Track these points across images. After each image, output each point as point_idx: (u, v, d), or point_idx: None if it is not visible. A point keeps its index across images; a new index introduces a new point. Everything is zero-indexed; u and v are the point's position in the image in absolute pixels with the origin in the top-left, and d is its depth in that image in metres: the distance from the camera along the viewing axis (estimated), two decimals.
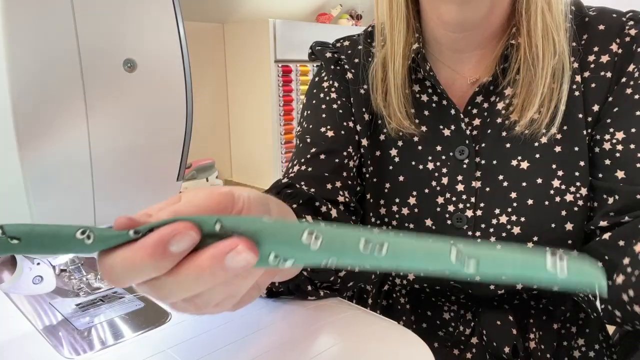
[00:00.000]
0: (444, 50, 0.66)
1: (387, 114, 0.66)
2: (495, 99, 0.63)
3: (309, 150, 0.68)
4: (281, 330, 0.49)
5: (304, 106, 0.76)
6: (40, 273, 0.48)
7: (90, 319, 0.52)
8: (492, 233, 0.62)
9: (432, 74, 0.64)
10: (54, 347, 0.47)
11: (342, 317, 0.52)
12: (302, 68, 1.90)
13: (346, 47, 0.74)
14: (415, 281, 0.66)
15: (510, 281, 0.26)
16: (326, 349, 0.46)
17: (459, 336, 0.66)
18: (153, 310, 0.53)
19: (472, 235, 0.63)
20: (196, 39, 1.88)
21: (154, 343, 0.47)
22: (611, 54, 0.60)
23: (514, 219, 0.61)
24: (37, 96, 0.36)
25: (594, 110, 0.61)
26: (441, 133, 0.66)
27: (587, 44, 0.62)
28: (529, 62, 0.60)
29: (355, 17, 2.47)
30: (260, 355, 0.44)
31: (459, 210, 0.64)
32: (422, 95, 0.67)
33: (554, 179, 0.61)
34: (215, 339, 0.47)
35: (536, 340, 0.64)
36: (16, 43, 0.34)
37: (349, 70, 0.72)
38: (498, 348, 0.63)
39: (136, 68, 0.39)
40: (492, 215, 0.63)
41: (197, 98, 0.44)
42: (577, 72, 0.61)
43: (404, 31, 0.64)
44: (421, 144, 0.67)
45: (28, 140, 0.36)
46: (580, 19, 0.63)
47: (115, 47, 0.38)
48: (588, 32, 0.62)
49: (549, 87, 0.59)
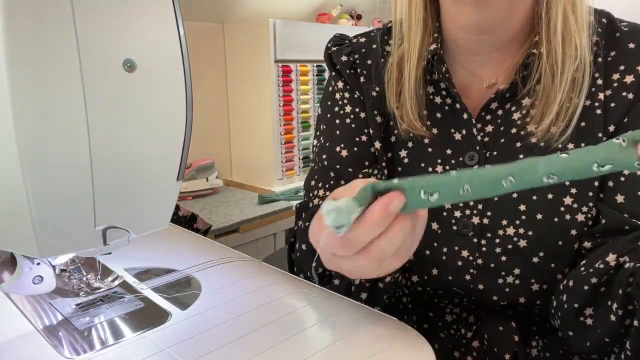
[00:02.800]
0: (462, 52, 0.64)
1: (399, 115, 0.65)
2: (511, 107, 0.61)
3: (329, 174, 0.72)
4: (283, 328, 0.49)
5: (319, 117, 0.77)
6: (40, 273, 0.48)
7: (90, 319, 0.52)
8: (498, 243, 0.60)
9: (447, 76, 0.63)
10: (54, 347, 0.47)
11: (344, 315, 0.52)
12: (302, 68, 1.90)
13: (362, 44, 0.73)
14: (417, 283, 0.66)
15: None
16: (328, 346, 0.46)
17: (460, 339, 0.66)
18: (153, 310, 0.53)
19: (477, 242, 0.62)
20: (196, 39, 1.88)
21: (154, 343, 0.47)
22: (636, 75, 0.58)
23: (522, 232, 0.59)
24: (36, 96, 0.36)
25: (609, 130, 0.58)
26: (452, 137, 0.64)
27: (613, 61, 0.60)
28: (550, 71, 0.57)
29: (355, 17, 2.47)
30: (261, 353, 0.44)
31: (465, 217, 0.63)
32: (436, 97, 0.65)
33: (566, 196, 0.59)
34: (215, 338, 0.47)
35: (539, 349, 0.64)
36: (16, 43, 0.34)
37: (362, 72, 0.71)
38: (498, 354, 0.63)
39: (136, 68, 0.39)
40: (499, 226, 0.61)
41: (197, 98, 0.44)
42: (601, 89, 0.59)
43: (421, 31, 0.63)
44: (431, 147, 0.65)
45: (27, 140, 0.36)
46: (611, 33, 0.60)
47: (115, 46, 0.38)
48: (617, 48, 0.60)
49: (568, 94, 0.57)
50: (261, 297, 0.57)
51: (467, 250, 0.62)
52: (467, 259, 0.62)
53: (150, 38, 0.40)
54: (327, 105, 0.75)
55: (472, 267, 0.62)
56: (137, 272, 0.63)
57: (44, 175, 0.37)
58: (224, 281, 0.62)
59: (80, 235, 0.41)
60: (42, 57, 0.35)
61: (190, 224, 1.30)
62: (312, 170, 0.75)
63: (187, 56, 0.42)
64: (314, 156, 0.76)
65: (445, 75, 0.63)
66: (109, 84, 0.38)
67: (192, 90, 0.44)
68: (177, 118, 0.43)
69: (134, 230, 0.44)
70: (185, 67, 0.42)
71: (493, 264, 0.61)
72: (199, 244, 0.81)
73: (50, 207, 0.38)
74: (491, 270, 0.61)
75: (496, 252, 0.61)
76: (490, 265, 0.61)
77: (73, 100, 0.37)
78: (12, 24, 0.34)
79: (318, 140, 0.76)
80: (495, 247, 0.61)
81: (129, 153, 0.41)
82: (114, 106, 0.39)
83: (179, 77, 0.42)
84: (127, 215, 0.43)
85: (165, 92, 0.42)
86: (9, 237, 0.40)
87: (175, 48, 0.42)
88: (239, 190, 1.93)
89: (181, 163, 0.44)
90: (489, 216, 0.62)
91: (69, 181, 0.38)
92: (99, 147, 0.38)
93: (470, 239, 0.62)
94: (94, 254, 0.45)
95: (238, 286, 0.60)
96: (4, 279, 0.53)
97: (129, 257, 0.65)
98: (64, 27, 0.36)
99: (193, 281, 0.62)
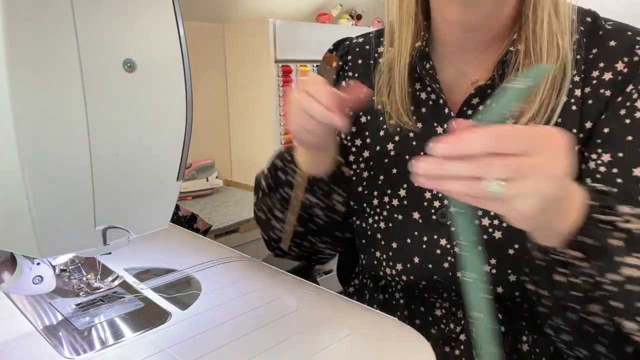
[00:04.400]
0: (450, 49, 0.66)
1: (389, 110, 0.68)
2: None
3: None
4: (281, 328, 0.49)
5: None
6: (40, 273, 0.48)
7: (90, 319, 0.52)
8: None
9: (431, 72, 0.65)
10: (54, 347, 0.47)
11: (343, 314, 0.52)
12: (302, 68, 1.90)
13: (358, 44, 0.77)
14: (402, 272, 0.67)
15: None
16: (327, 346, 0.46)
17: (449, 333, 0.66)
18: (153, 310, 0.53)
19: (454, 232, 0.64)
20: (196, 39, 1.88)
21: (154, 343, 0.47)
22: (615, 72, 0.59)
23: (496, 223, 0.61)
24: (36, 96, 0.35)
25: (586, 127, 0.59)
26: (435, 131, 0.67)
27: (594, 59, 0.60)
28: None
29: (355, 17, 2.47)
30: (260, 353, 0.44)
31: (444, 206, 0.65)
32: (422, 93, 0.68)
33: None
34: (215, 338, 0.47)
35: (529, 344, 0.64)
36: (16, 43, 0.34)
37: (351, 74, 0.75)
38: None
39: (136, 68, 0.39)
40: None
41: (196, 98, 0.44)
42: (579, 86, 0.60)
43: (412, 30, 0.65)
44: (416, 140, 0.68)
45: (27, 140, 0.36)
46: (594, 31, 0.61)
47: (115, 47, 0.38)
48: (598, 46, 0.60)
49: (548, 92, 0.59)
50: (261, 297, 0.57)
51: (445, 239, 0.64)
52: (445, 247, 0.64)
53: (151, 38, 0.40)
54: None
55: (450, 255, 0.63)
56: (137, 272, 0.63)
57: (44, 176, 0.37)
58: (224, 281, 0.62)
59: (80, 235, 0.41)
60: (42, 57, 0.35)
61: (190, 224, 1.30)
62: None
63: (187, 56, 0.42)
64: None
65: (429, 71, 0.65)
66: (109, 84, 0.38)
67: (192, 90, 0.44)
68: (177, 118, 0.43)
69: (134, 230, 0.44)
70: (185, 67, 0.42)
71: None
72: (199, 244, 0.81)
73: (50, 207, 0.38)
74: None
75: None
76: None
77: (73, 100, 0.37)
78: (12, 24, 0.34)
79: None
80: None
81: (129, 153, 0.41)
82: (114, 106, 0.39)
83: (179, 77, 0.42)
84: (127, 215, 0.43)
85: (165, 92, 0.42)
86: (9, 237, 0.40)
87: (175, 48, 0.42)
88: (239, 190, 1.93)
89: (181, 163, 0.44)
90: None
91: (69, 181, 0.38)
92: (99, 147, 0.38)
93: (448, 227, 0.64)
94: (94, 254, 0.45)
95: (238, 286, 0.60)
96: (4, 279, 0.53)
97: (129, 257, 0.65)
98: (64, 27, 0.36)
99: (193, 281, 0.62)
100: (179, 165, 0.44)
